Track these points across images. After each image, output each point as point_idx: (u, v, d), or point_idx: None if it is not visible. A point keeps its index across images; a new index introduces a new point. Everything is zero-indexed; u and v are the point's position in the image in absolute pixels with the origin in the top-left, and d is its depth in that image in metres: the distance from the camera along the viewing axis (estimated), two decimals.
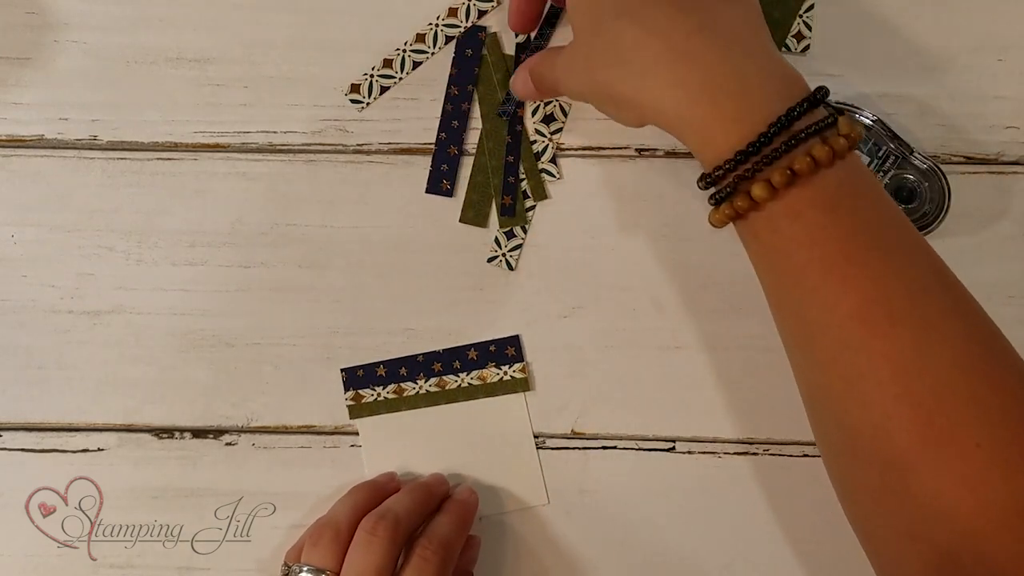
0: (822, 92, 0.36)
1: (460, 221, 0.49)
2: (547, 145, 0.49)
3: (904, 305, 0.34)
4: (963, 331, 0.34)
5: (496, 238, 0.49)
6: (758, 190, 0.35)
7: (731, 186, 0.36)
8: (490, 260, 0.49)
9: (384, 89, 0.50)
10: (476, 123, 0.50)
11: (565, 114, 0.49)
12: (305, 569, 0.41)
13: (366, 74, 0.50)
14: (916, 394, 0.33)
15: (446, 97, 0.49)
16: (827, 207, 0.35)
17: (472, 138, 0.49)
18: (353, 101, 0.49)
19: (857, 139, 0.36)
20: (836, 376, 0.35)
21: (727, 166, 0.36)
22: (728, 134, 0.36)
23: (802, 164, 0.34)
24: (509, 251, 0.49)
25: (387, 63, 0.50)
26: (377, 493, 0.45)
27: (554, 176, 0.49)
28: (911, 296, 0.34)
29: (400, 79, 0.50)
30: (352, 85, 0.49)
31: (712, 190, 0.38)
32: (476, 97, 0.50)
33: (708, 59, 0.36)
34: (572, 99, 0.44)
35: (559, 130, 0.49)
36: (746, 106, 0.36)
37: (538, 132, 0.49)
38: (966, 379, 0.33)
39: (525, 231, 0.49)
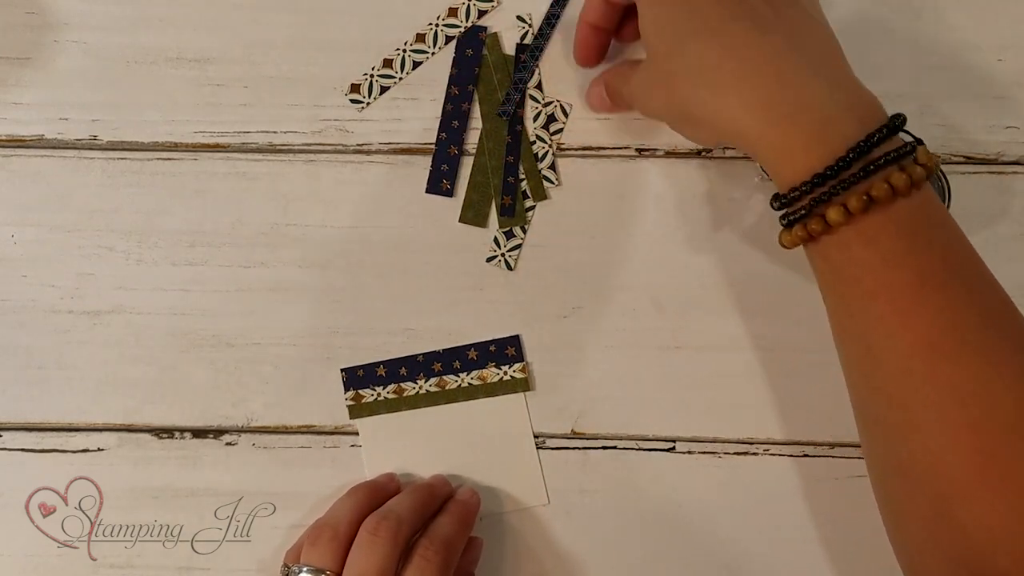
0: (900, 120, 0.36)
1: (460, 221, 0.49)
2: (548, 151, 0.49)
3: (972, 337, 0.34)
4: None
5: (495, 238, 0.49)
6: (834, 214, 0.35)
7: (806, 208, 0.36)
8: (489, 260, 0.49)
9: (384, 89, 0.50)
10: (476, 123, 0.50)
11: (566, 115, 0.49)
12: (304, 569, 0.41)
13: (366, 74, 0.50)
14: (978, 425, 0.33)
15: (446, 97, 0.49)
16: (902, 235, 0.35)
17: (472, 138, 0.49)
18: (353, 101, 0.49)
19: (933, 169, 0.36)
20: (897, 403, 0.35)
21: (804, 188, 0.36)
22: (807, 156, 0.36)
23: (880, 191, 0.34)
24: (508, 251, 0.49)
25: (387, 63, 0.50)
26: (376, 494, 0.45)
27: (553, 183, 0.49)
28: (979, 328, 0.34)
29: (400, 79, 0.50)
30: (352, 85, 0.49)
31: (784, 211, 0.38)
32: (476, 97, 0.50)
33: (789, 80, 0.36)
34: (646, 116, 0.45)
35: (559, 130, 0.49)
36: (826, 129, 0.36)
37: (539, 138, 0.49)
38: None
39: (524, 231, 0.49)
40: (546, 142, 0.49)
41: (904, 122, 0.36)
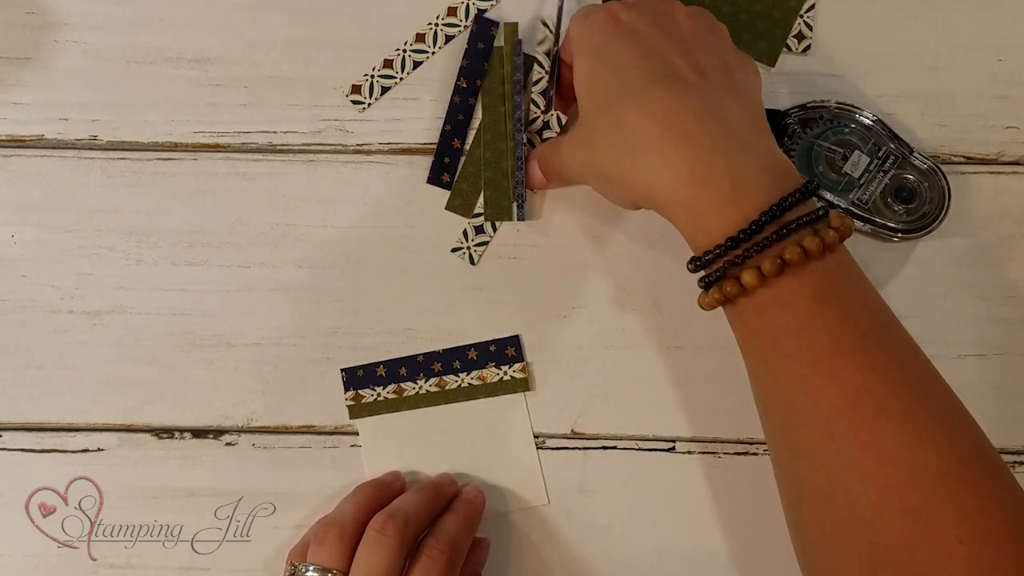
0: (812, 185, 0.37)
1: (446, 208, 0.49)
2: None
3: (891, 399, 0.34)
4: (948, 429, 0.34)
5: (464, 230, 0.49)
6: (748, 277, 0.35)
7: (721, 271, 0.36)
8: (454, 251, 0.49)
9: (385, 90, 0.50)
10: (478, 114, 0.49)
11: (560, 126, 0.49)
12: (311, 568, 0.41)
13: (367, 75, 0.50)
14: (899, 488, 0.33)
15: (454, 89, 0.49)
16: (816, 298, 0.35)
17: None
18: (354, 102, 0.49)
19: (847, 232, 0.36)
20: (820, 465, 0.35)
21: (717, 251, 0.36)
22: (721, 218, 0.36)
23: (792, 254, 0.35)
24: (474, 246, 0.49)
25: (387, 63, 0.50)
26: (382, 492, 0.45)
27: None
28: (899, 391, 0.34)
29: (400, 79, 0.50)
30: (353, 86, 0.49)
31: (702, 273, 0.38)
32: (481, 90, 0.49)
33: (704, 143, 0.37)
34: (574, 181, 0.45)
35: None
36: (739, 192, 0.36)
37: (529, 142, 0.49)
38: (951, 476, 0.33)
39: (495, 228, 0.49)
40: (535, 147, 0.49)
41: (817, 187, 0.37)
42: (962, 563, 0.32)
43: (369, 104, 0.49)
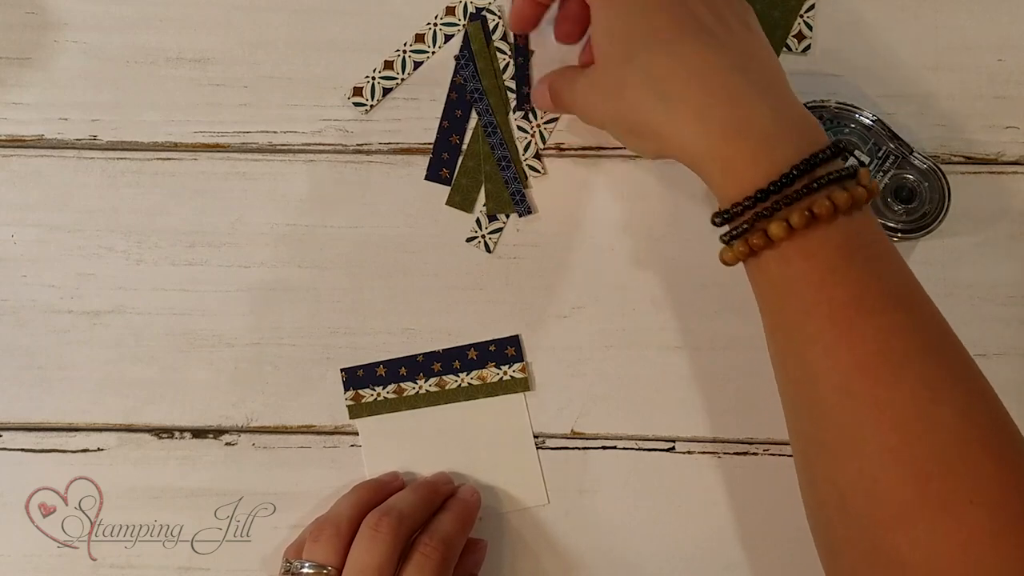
0: (844, 143, 0.37)
1: (447, 204, 0.49)
2: (530, 141, 0.49)
3: (910, 361, 0.34)
4: (964, 394, 0.34)
5: (477, 219, 0.49)
6: (776, 229, 0.35)
7: (748, 223, 0.36)
8: (469, 240, 0.49)
9: (386, 91, 0.50)
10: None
11: (536, 116, 0.49)
12: (306, 565, 0.41)
13: (368, 77, 0.50)
14: (915, 449, 0.33)
15: (451, 86, 0.49)
16: (842, 252, 0.35)
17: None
18: (356, 104, 0.49)
19: (875, 192, 0.36)
20: (833, 424, 0.35)
21: (747, 203, 0.36)
22: (753, 171, 0.36)
23: (821, 207, 0.35)
24: (489, 233, 0.49)
25: (388, 65, 0.50)
26: (380, 491, 0.45)
27: (538, 172, 0.49)
28: (917, 353, 0.34)
29: (401, 80, 0.50)
30: (355, 88, 0.49)
31: (726, 228, 0.38)
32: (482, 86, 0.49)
33: (738, 98, 0.37)
34: (587, 123, 0.44)
35: (554, 119, 0.49)
36: (772, 146, 0.36)
37: (520, 128, 0.49)
38: (965, 440, 0.33)
39: (508, 216, 0.49)
40: (527, 132, 0.49)
41: (848, 149, 0.37)
42: (973, 525, 0.32)
43: (372, 106, 0.49)
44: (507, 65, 0.49)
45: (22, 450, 0.48)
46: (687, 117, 0.37)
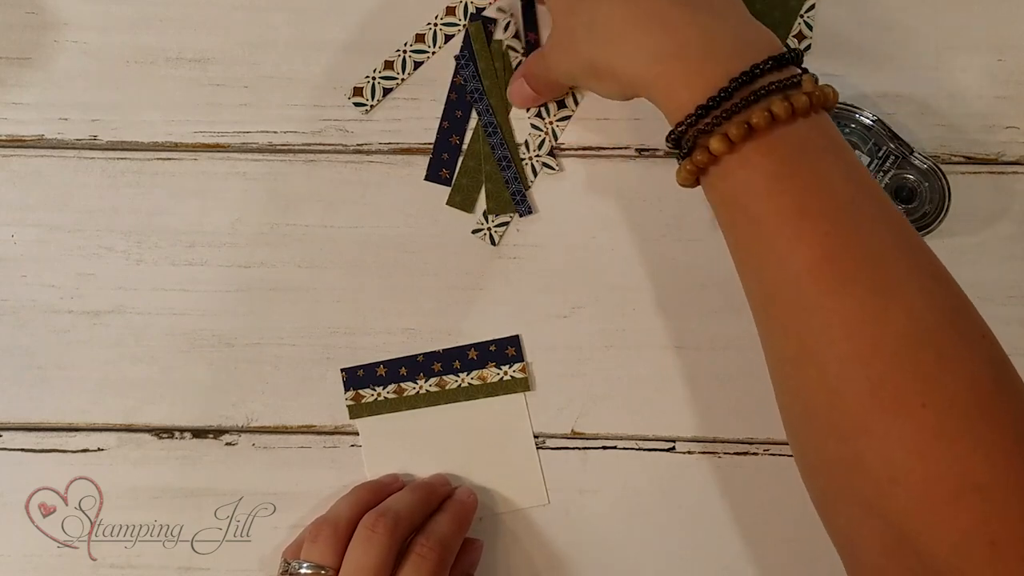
0: (793, 53, 0.37)
1: (447, 204, 0.49)
2: (543, 138, 0.49)
3: (858, 265, 0.34)
4: (921, 296, 0.34)
5: (484, 212, 0.49)
6: (715, 143, 0.35)
7: (691, 140, 0.37)
8: (474, 232, 0.49)
9: (387, 91, 0.50)
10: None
11: (576, 102, 0.49)
12: (304, 565, 0.41)
13: (368, 77, 0.49)
14: (865, 355, 0.33)
15: (451, 86, 0.49)
16: (784, 160, 0.35)
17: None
18: (357, 104, 0.49)
19: (824, 100, 0.36)
20: (793, 337, 0.35)
21: (688, 121, 0.36)
22: (691, 90, 0.36)
23: (759, 118, 0.35)
24: (495, 227, 0.49)
25: (388, 65, 0.50)
26: (380, 492, 0.45)
27: (553, 168, 0.49)
28: (867, 257, 0.34)
29: (402, 80, 0.50)
30: (355, 88, 0.49)
31: (674, 148, 0.38)
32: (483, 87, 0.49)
33: (675, 21, 0.37)
34: (566, 83, 0.46)
35: (567, 118, 0.49)
36: (710, 63, 0.36)
37: (533, 126, 0.49)
38: (917, 343, 0.33)
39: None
40: (540, 130, 0.49)
41: (799, 56, 0.37)
42: (927, 427, 0.32)
43: (372, 106, 0.49)
44: (519, 63, 0.49)
45: (22, 450, 0.48)
46: (628, 49, 0.38)
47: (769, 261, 0.35)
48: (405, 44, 0.50)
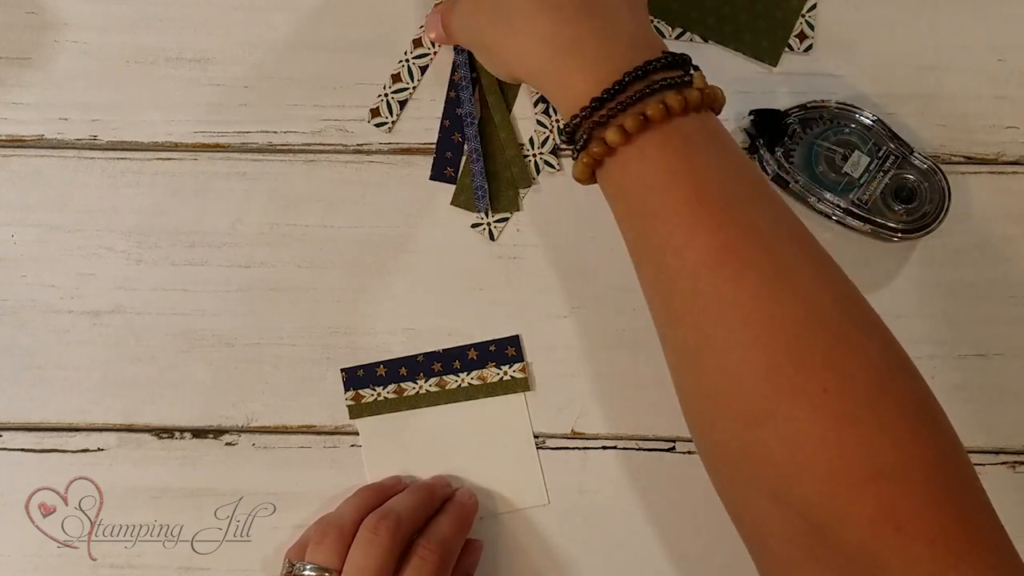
0: (684, 56, 0.38)
1: (451, 204, 0.49)
2: (548, 136, 0.49)
3: (753, 253, 0.34)
4: (814, 282, 0.34)
5: (485, 208, 0.49)
6: (611, 134, 0.36)
7: (586, 133, 0.37)
8: (474, 226, 0.49)
9: (403, 104, 0.50)
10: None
11: (561, 134, 0.49)
12: (309, 567, 0.41)
13: (380, 95, 0.49)
14: (764, 341, 0.33)
15: (449, 84, 0.49)
16: (679, 154, 0.36)
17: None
18: (378, 125, 0.49)
19: (713, 98, 0.37)
20: (691, 325, 0.35)
21: (583, 113, 0.37)
22: (585, 83, 0.37)
23: (654, 110, 0.35)
24: (495, 222, 0.49)
25: (395, 78, 0.50)
26: (383, 496, 0.45)
27: (553, 167, 0.49)
28: (760, 245, 0.34)
29: (413, 88, 0.50)
30: (371, 110, 0.49)
31: (570, 143, 0.38)
32: (482, 84, 0.49)
33: (573, 16, 0.38)
34: (462, 44, 0.46)
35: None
36: (605, 58, 0.37)
37: (539, 123, 0.49)
38: (813, 328, 0.33)
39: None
40: (546, 127, 0.49)
41: (688, 60, 0.38)
42: (829, 413, 0.32)
43: (393, 122, 0.49)
44: None
45: (22, 450, 0.48)
46: (523, 35, 0.39)
47: (666, 253, 0.36)
48: (406, 53, 0.50)
